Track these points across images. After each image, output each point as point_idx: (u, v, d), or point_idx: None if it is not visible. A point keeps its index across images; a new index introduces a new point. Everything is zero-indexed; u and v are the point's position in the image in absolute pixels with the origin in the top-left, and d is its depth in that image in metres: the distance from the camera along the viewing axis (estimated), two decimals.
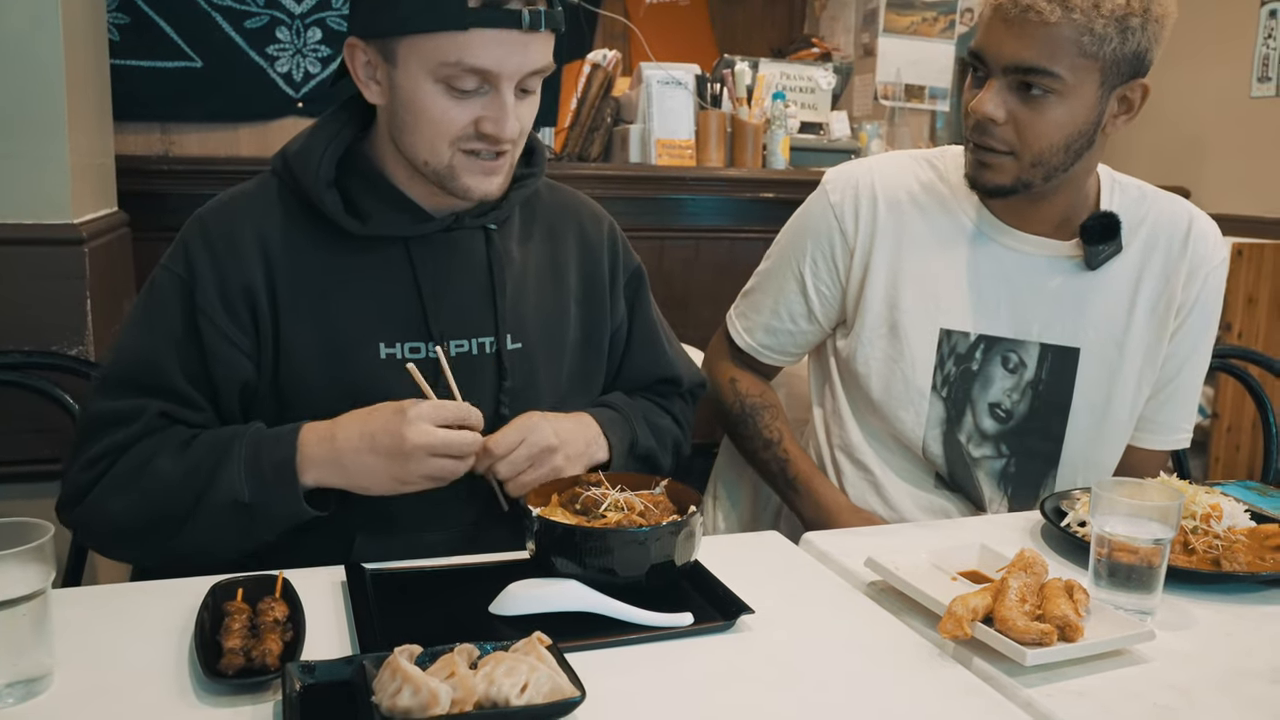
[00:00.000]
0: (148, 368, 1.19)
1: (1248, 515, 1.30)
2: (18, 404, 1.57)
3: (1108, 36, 1.27)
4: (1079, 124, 1.33)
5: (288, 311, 1.21)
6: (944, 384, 1.48)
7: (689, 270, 1.43)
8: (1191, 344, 1.51)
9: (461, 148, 1.18)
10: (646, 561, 1.03)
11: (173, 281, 1.21)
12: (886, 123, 4.03)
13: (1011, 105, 1.33)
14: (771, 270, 1.61)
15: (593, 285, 1.39)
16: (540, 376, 1.32)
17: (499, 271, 1.28)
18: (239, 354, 1.21)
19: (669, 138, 2.90)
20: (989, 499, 1.53)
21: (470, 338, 1.27)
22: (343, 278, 1.23)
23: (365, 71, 1.20)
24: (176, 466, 1.14)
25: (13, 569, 0.84)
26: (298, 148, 1.25)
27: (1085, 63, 1.29)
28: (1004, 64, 1.32)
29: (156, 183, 2.35)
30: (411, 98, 1.16)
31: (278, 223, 1.24)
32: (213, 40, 2.43)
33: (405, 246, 1.25)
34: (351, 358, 1.22)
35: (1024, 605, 1.00)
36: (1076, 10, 1.26)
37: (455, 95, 1.15)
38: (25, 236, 1.66)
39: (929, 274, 1.48)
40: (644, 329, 1.44)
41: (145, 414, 1.18)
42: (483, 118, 1.16)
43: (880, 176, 1.53)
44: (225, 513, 1.12)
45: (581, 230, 1.40)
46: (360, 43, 1.18)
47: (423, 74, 1.14)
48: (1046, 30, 1.27)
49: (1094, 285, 1.46)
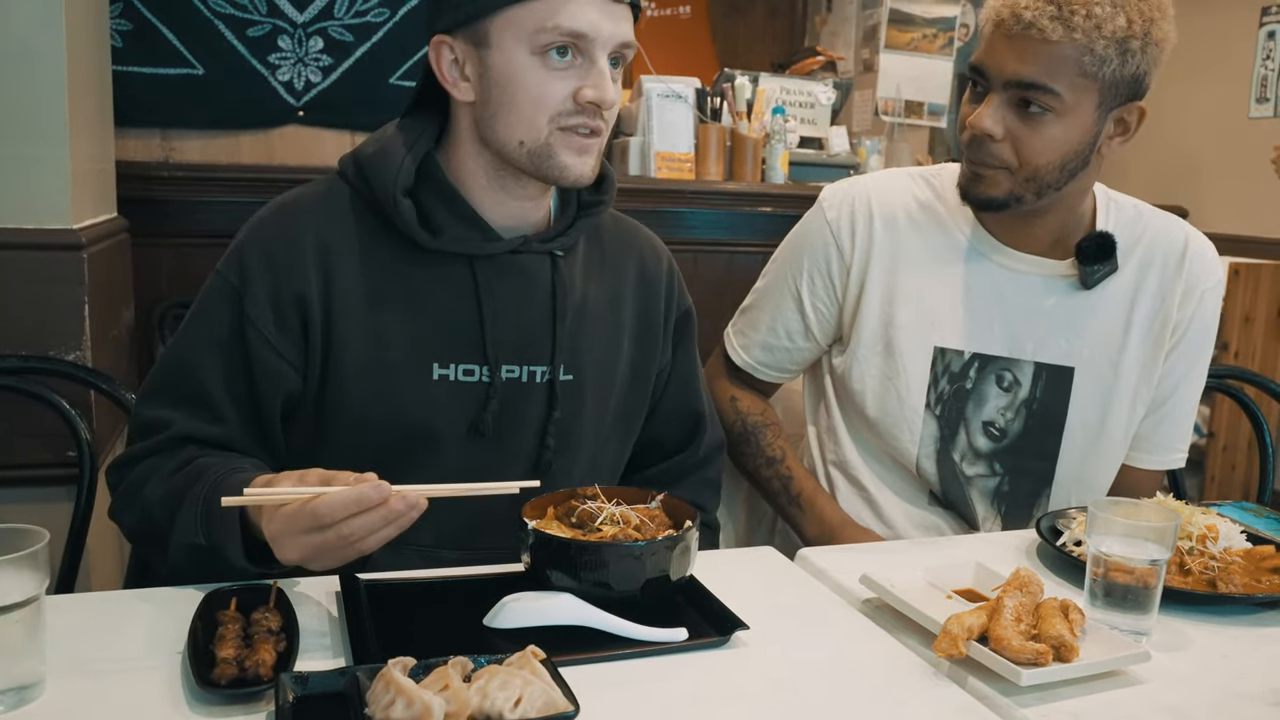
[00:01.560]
0: (185, 372, 1.19)
1: (1244, 536, 1.30)
2: (14, 409, 1.57)
3: (1108, 58, 1.28)
4: (1075, 143, 1.34)
5: (341, 322, 1.19)
6: (938, 402, 1.49)
7: (688, 284, 1.43)
8: (1187, 364, 1.51)
9: (560, 124, 1.16)
10: (641, 576, 1.03)
11: (225, 288, 1.20)
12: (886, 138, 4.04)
13: (1009, 122, 1.33)
14: (768, 288, 1.61)
15: (647, 324, 1.37)
16: (587, 411, 1.30)
17: (561, 299, 1.26)
18: (286, 365, 1.19)
19: (668, 151, 2.91)
20: (982, 518, 1.53)
21: (524, 364, 1.25)
22: (403, 291, 1.21)
23: (452, 69, 1.18)
24: (157, 493, 1.14)
25: (6, 575, 0.83)
26: (373, 151, 1.22)
27: (1085, 82, 1.30)
28: (1004, 79, 1.32)
29: (157, 189, 2.36)
30: (508, 75, 1.15)
31: (342, 231, 1.21)
32: (215, 48, 2.44)
33: (470, 265, 1.22)
34: (402, 375, 1.20)
35: (1019, 625, 1.00)
36: (1078, 30, 1.26)
37: (552, 66, 1.14)
38: (24, 241, 1.66)
39: (924, 292, 1.48)
40: (683, 371, 1.43)
41: (167, 430, 1.18)
42: (581, 87, 1.15)
43: (877, 194, 1.53)
44: (191, 549, 1.09)
45: (642, 265, 1.38)
46: (447, 38, 1.17)
47: (519, 47, 1.13)
48: (1048, 48, 1.28)
49: (1089, 304, 1.47)
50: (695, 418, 1.43)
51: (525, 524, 1.06)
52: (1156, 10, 1.31)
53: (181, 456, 1.17)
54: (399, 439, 1.22)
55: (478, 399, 1.23)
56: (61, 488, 1.68)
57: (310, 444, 1.23)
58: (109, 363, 1.85)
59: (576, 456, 1.30)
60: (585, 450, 1.31)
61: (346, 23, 2.52)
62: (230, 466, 1.13)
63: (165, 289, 2.37)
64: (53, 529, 0.92)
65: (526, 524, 1.06)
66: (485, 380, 1.22)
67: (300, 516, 0.97)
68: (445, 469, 1.22)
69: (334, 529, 0.96)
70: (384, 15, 2.53)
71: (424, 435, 1.22)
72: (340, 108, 2.54)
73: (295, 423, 1.23)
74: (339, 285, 1.20)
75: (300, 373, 1.21)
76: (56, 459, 1.66)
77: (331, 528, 0.96)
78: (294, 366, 1.20)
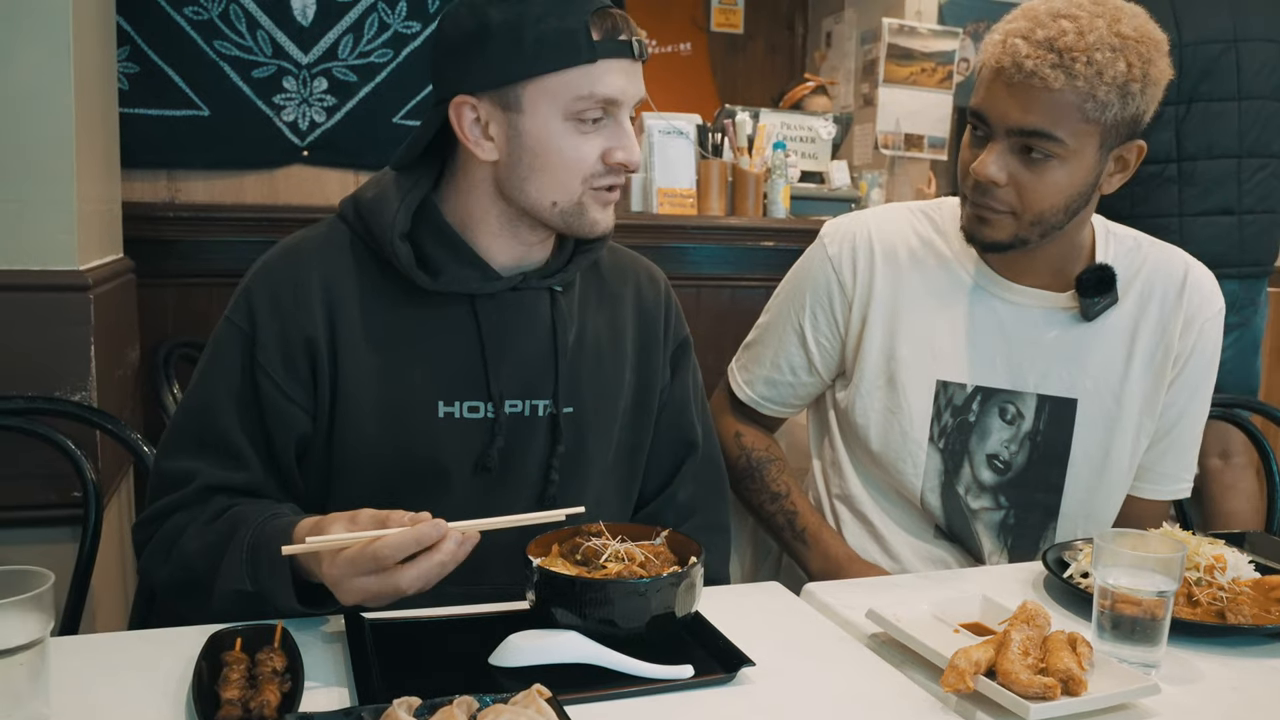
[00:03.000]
0: (206, 421, 1.21)
1: (1252, 566, 1.29)
2: (20, 450, 1.57)
3: (1110, 103, 1.28)
4: (1078, 186, 1.34)
5: (348, 363, 1.21)
6: (941, 435, 1.49)
7: (691, 318, 1.43)
8: (1189, 394, 1.51)
9: (592, 185, 1.20)
10: (647, 613, 1.03)
11: (234, 335, 1.22)
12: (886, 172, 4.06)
13: (1013, 168, 1.33)
14: (771, 323, 1.62)
15: (647, 354, 1.38)
16: (591, 443, 1.31)
17: (562, 334, 1.28)
18: (296, 408, 1.21)
19: (671, 186, 2.92)
20: (988, 551, 1.52)
21: (526, 399, 1.26)
22: (406, 331, 1.23)
23: (474, 129, 1.19)
24: (195, 545, 1.15)
25: (11, 618, 0.83)
26: (372, 196, 1.24)
27: (1087, 127, 1.30)
28: (1007, 127, 1.32)
29: (162, 229, 2.38)
30: (541, 141, 1.17)
31: (344, 272, 1.23)
32: (220, 89, 2.47)
33: (471, 304, 1.24)
34: (408, 414, 1.22)
35: (1027, 658, 1.00)
36: (1080, 77, 1.26)
37: (583, 131, 1.17)
38: (31, 283, 1.67)
39: (925, 326, 1.49)
40: (678, 398, 1.42)
41: (193, 482, 1.19)
42: (610, 148, 1.19)
43: (877, 229, 1.53)
44: (237, 596, 1.11)
45: (639, 295, 1.39)
46: (471, 99, 1.18)
47: (554, 113, 1.16)
48: (1050, 96, 1.28)
49: (1090, 336, 1.47)
50: (688, 445, 1.43)
51: (530, 561, 1.06)
52: (1154, 50, 1.31)
53: (213, 507, 1.18)
54: (407, 476, 1.23)
55: (483, 435, 1.24)
56: (67, 528, 1.68)
57: (321, 484, 1.25)
58: (114, 403, 1.85)
59: (583, 489, 1.30)
60: (592, 482, 1.32)
61: (350, 63, 2.54)
62: (270, 512, 1.14)
63: (170, 329, 2.38)
64: (58, 569, 0.92)
65: (531, 561, 1.06)
66: (490, 416, 1.24)
67: (362, 560, 0.99)
68: (453, 505, 1.22)
69: (392, 574, 0.99)
70: (387, 56, 2.56)
71: (432, 472, 1.23)
72: (344, 147, 2.56)
73: (307, 464, 1.25)
74: (344, 327, 1.21)
75: (310, 414, 1.22)
76: (62, 499, 1.66)
77: (390, 572, 0.99)
78: (304, 409, 1.22)
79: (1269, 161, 2.58)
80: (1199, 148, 2.54)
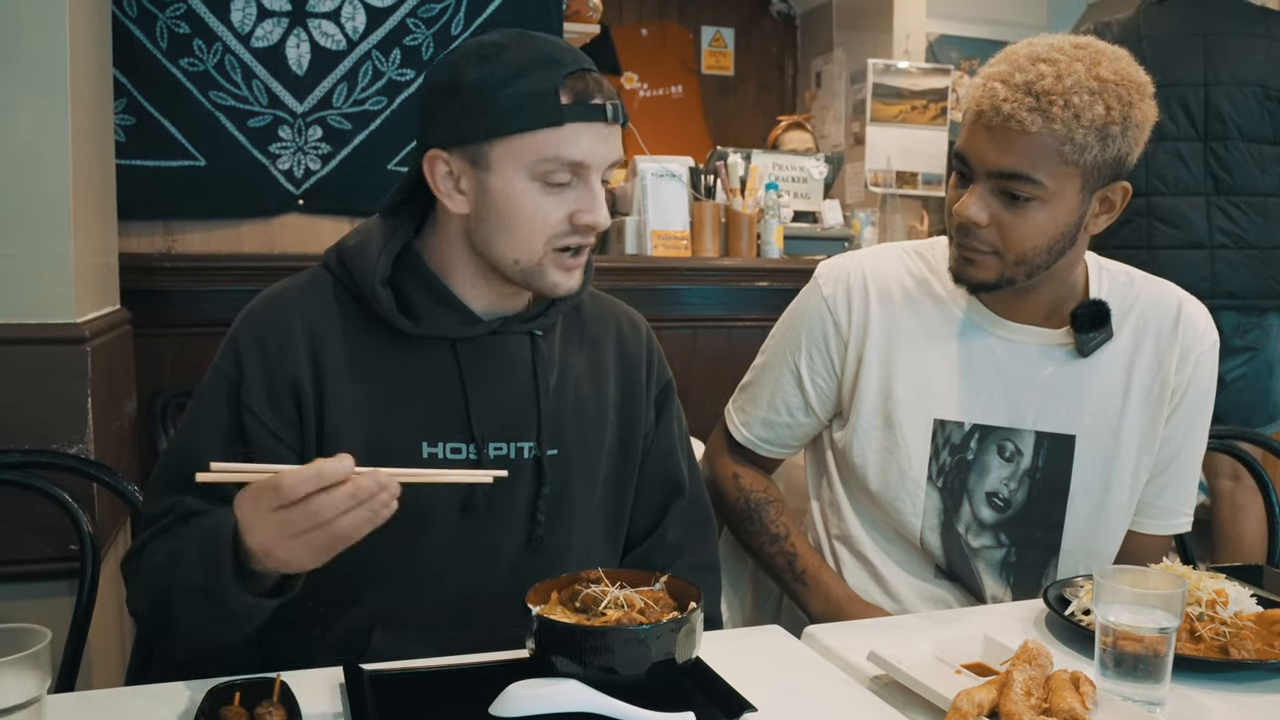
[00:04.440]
0: (190, 462, 1.19)
1: (1254, 600, 1.29)
2: (17, 503, 1.57)
3: (1088, 145, 1.29)
4: (1061, 227, 1.36)
5: (333, 406, 1.23)
6: (939, 474, 1.49)
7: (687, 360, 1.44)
8: (1187, 428, 1.51)
9: (555, 245, 1.21)
10: (647, 659, 1.02)
11: (222, 382, 1.23)
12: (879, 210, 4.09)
13: (994, 209, 1.35)
14: (767, 364, 1.62)
15: (630, 395, 1.39)
16: (576, 484, 1.32)
17: (543, 377, 1.29)
18: (283, 447, 1.22)
19: (664, 229, 2.94)
20: (990, 592, 1.51)
21: (510, 441, 1.27)
22: (389, 375, 1.25)
23: (446, 182, 1.22)
24: (162, 554, 1.15)
25: (7, 676, 0.83)
26: (354, 244, 1.27)
27: (1066, 170, 1.31)
28: (987, 169, 1.34)
29: (159, 280, 2.38)
30: (506, 199, 1.19)
31: (327, 316, 1.25)
32: (217, 139, 2.49)
33: (453, 347, 1.26)
34: (393, 455, 1.22)
35: (1030, 699, 0.99)
36: (1057, 120, 1.27)
37: (549, 191, 1.19)
38: (28, 336, 1.67)
39: (921, 365, 1.49)
40: (663, 442, 1.43)
41: (172, 512, 1.19)
42: (577, 210, 1.20)
43: (871, 270, 1.55)
44: (194, 599, 1.09)
45: (620, 339, 1.41)
46: (443, 153, 1.20)
47: (519, 173, 1.18)
48: (1028, 139, 1.29)
49: (1087, 372, 1.47)
50: (675, 486, 1.44)
51: (529, 610, 1.06)
52: (1135, 93, 1.32)
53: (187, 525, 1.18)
54: (393, 517, 1.22)
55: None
56: (64, 581, 1.67)
57: None
58: (111, 454, 1.85)
59: (570, 530, 1.31)
60: (578, 524, 1.32)
61: (345, 111, 2.57)
62: (224, 510, 1.11)
63: (167, 379, 2.38)
64: (55, 623, 0.91)
65: (530, 610, 1.06)
66: (473, 458, 1.25)
67: (264, 492, 0.99)
68: (439, 545, 1.26)
69: (300, 507, 0.97)
70: (381, 104, 2.58)
71: (416, 514, 1.23)
72: (339, 195, 2.57)
73: None
74: (329, 370, 1.23)
75: (297, 454, 1.23)
76: (59, 553, 1.66)
77: (298, 505, 0.97)
78: (290, 447, 1.23)
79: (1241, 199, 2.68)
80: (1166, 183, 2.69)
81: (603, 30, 3.49)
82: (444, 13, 2.63)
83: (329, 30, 2.54)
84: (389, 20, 2.59)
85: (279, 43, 2.51)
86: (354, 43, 2.56)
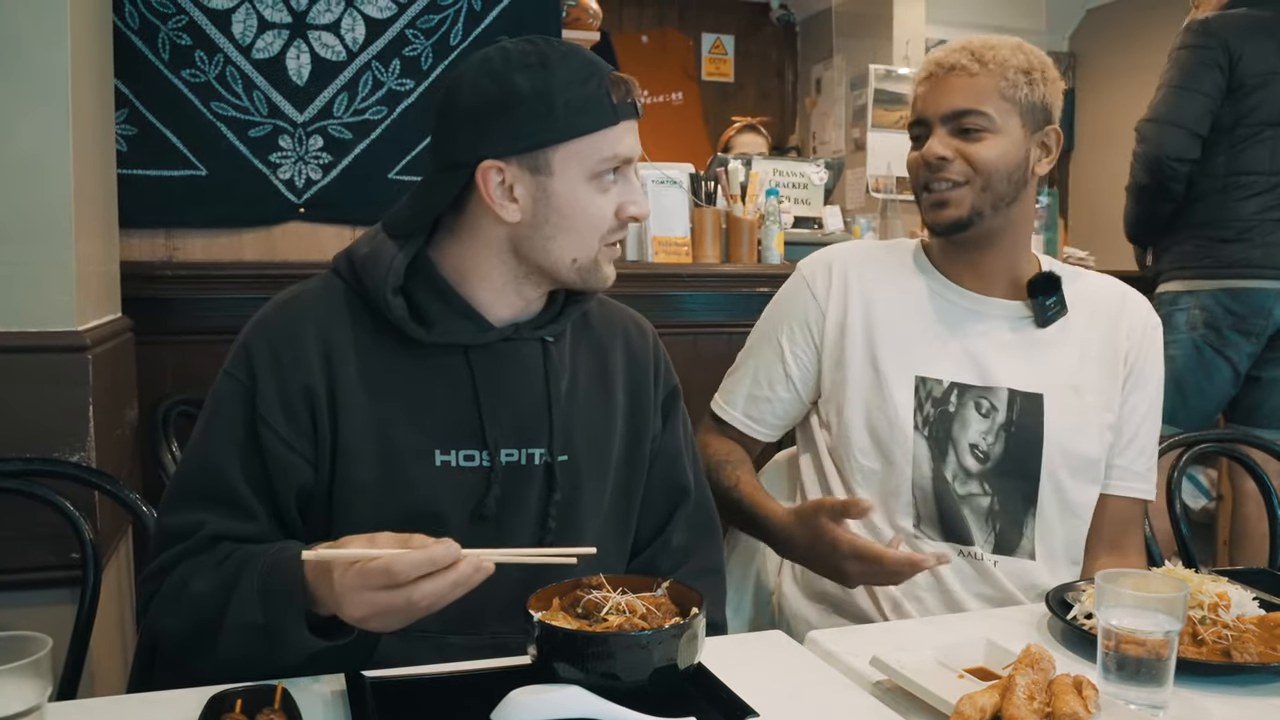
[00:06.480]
0: (210, 474, 1.21)
1: (1256, 603, 1.29)
2: (18, 512, 1.57)
3: (1019, 83, 1.53)
4: (1014, 157, 1.54)
5: (346, 413, 1.23)
6: (925, 424, 1.57)
7: (688, 365, 1.45)
8: (1140, 394, 1.63)
9: (607, 240, 1.26)
10: (649, 665, 1.02)
11: (235, 388, 1.23)
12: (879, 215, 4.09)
13: (955, 144, 1.54)
14: (751, 345, 1.73)
15: (638, 401, 1.40)
16: (585, 490, 1.32)
17: (555, 383, 1.30)
18: (297, 458, 1.22)
19: (666, 235, 2.95)
20: (976, 538, 1.57)
21: (522, 448, 1.28)
22: (402, 382, 1.25)
23: (499, 192, 1.22)
24: (207, 584, 1.15)
25: (8, 684, 0.83)
26: (366, 252, 1.27)
27: (1006, 105, 1.53)
28: (941, 114, 1.54)
29: (161, 288, 2.39)
30: (568, 201, 1.22)
31: (340, 324, 1.26)
32: (218, 149, 2.49)
33: (465, 354, 1.27)
34: (406, 463, 1.23)
35: (1032, 703, 0.99)
36: (990, 63, 1.53)
37: (601, 189, 1.23)
38: (29, 344, 1.68)
39: (902, 327, 1.61)
40: (670, 447, 1.44)
41: (199, 532, 1.19)
42: (624, 204, 1.25)
43: (849, 254, 1.70)
44: (246, 632, 1.10)
45: (628, 344, 1.42)
46: (497, 163, 1.21)
47: (581, 174, 1.22)
48: (971, 80, 1.53)
49: (1049, 341, 1.60)
50: (681, 491, 1.44)
51: (531, 616, 1.06)
52: (1048, 63, 1.58)
53: (220, 551, 1.19)
54: (406, 525, 1.22)
55: (480, 483, 1.25)
56: (65, 590, 1.67)
57: (322, 534, 1.24)
58: (113, 463, 1.85)
59: (580, 536, 1.31)
60: (588, 529, 1.32)
61: (346, 121, 2.57)
62: (279, 546, 1.15)
63: (169, 387, 2.38)
64: (56, 631, 0.91)
65: (532, 616, 1.06)
66: (486, 465, 1.25)
67: (373, 573, 1.00)
68: None
69: (405, 590, 1.00)
70: (382, 113, 2.59)
71: (430, 520, 1.23)
72: (340, 204, 2.58)
73: (308, 514, 1.25)
74: (342, 377, 1.23)
75: (311, 464, 1.23)
76: (60, 561, 1.66)
77: (402, 589, 0.99)
78: (305, 458, 1.23)
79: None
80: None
81: (603, 37, 3.49)
82: (443, 23, 2.64)
83: (329, 41, 2.55)
84: (388, 31, 2.60)
85: (279, 54, 2.52)
86: (354, 53, 2.57)
